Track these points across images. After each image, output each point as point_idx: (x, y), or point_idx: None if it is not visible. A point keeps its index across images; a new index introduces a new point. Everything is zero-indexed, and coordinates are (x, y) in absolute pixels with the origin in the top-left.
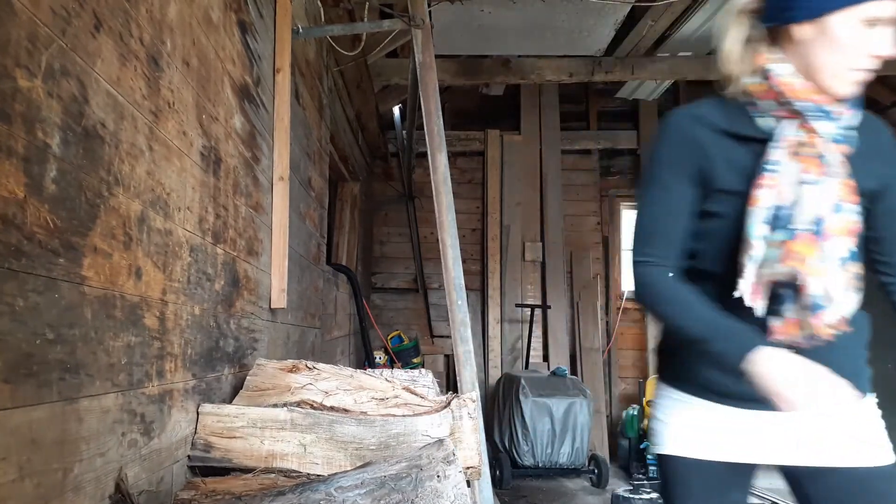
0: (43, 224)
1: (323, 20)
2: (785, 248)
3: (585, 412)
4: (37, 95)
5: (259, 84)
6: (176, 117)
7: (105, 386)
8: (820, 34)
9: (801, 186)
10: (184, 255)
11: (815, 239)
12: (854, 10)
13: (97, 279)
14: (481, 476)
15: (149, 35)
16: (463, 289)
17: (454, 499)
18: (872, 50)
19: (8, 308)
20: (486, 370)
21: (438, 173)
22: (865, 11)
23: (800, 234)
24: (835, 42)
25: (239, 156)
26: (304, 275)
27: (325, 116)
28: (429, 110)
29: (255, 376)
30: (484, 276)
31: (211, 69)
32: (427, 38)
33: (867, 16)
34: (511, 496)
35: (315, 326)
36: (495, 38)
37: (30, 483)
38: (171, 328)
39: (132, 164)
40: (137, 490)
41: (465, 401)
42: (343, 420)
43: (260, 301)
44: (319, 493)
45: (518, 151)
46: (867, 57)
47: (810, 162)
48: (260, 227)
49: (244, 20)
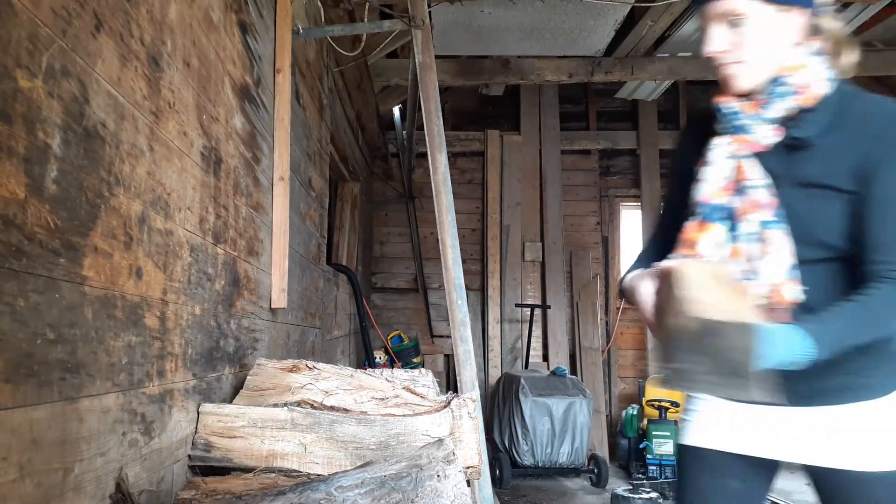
0: (44, 224)
1: (323, 20)
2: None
3: (585, 412)
4: (37, 96)
5: (259, 84)
6: (176, 118)
7: (105, 386)
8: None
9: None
10: (184, 256)
11: (703, 224)
12: (700, 9)
13: (98, 279)
14: (481, 475)
15: (149, 35)
16: (463, 289)
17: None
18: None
19: (9, 308)
20: (486, 370)
21: (438, 173)
22: (701, 13)
23: (689, 224)
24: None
25: (239, 156)
26: (305, 275)
27: (326, 117)
28: (429, 110)
29: (255, 376)
30: (484, 276)
31: (211, 69)
32: (427, 39)
33: (702, 17)
34: (511, 496)
35: (315, 326)
36: (495, 39)
37: (30, 483)
38: (172, 328)
39: (133, 164)
40: (138, 490)
41: (465, 400)
42: (343, 420)
43: (260, 301)
44: (320, 493)
45: (518, 151)
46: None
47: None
48: (260, 228)
49: (244, 21)
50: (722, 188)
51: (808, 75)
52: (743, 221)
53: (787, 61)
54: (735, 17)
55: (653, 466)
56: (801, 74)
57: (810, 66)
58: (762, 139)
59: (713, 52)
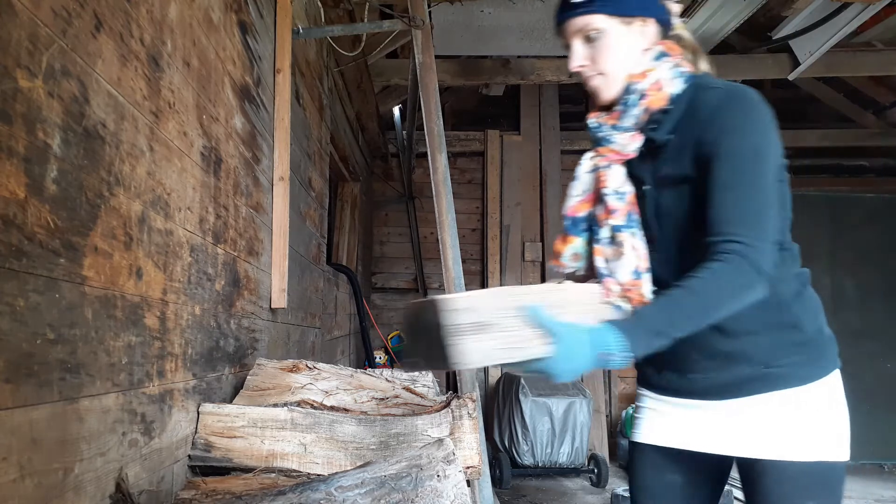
0: (44, 224)
1: (323, 21)
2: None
3: (585, 412)
4: (37, 96)
5: (259, 84)
6: (176, 118)
7: (106, 386)
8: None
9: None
10: (184, 256)
11: (565, 238)
12: (560, 28)
13: (98, 279)
14: (481, 475)
15: (149, 35)
16: (463, 289)
17: (454, 498)
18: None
19: (9, 308)
20: (485, 370)
21: (438, 173)
22: (561, 31)
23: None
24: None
25: (239, 156)
26: (305, 275)
27: (326, 117)
28: (429, 111)
29: (255, 376)
30: (484, 276)
31: (211, 70)
32: (427, 39)
33: (562, 35)
34: (511, 496)
35: (315, 326)
36: (495, 39)
37: (30, 483)
38: (172, 328)
39: (133, 164)
40: (138, 490)
41: (464, 400)
42: (343, 420)
43: (260, 301)
44: (320, 493)
45: (518, 151)
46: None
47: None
48: (260, 227)
49: (244, 21)
50: (583, 201)
51: (654, 78)
52: (602, 227)
53: (635, 69)
54: (589, 32)
55: None
56: (648, 79)
57: (657, 69)
58: (624, 148)
59: (576, 68)
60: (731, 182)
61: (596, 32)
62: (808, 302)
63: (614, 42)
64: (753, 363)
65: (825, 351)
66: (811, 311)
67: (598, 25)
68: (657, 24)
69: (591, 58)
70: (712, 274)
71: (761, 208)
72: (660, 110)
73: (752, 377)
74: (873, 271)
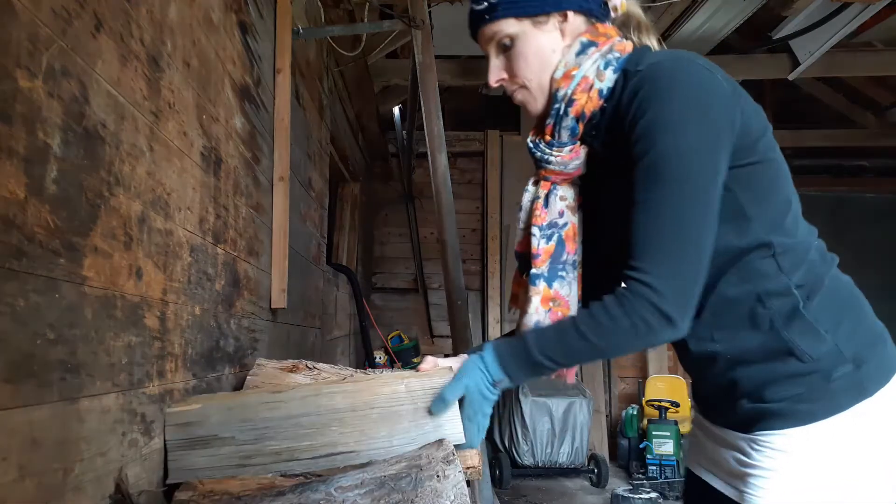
0: (44, 224)
1: (323, 21)
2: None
3: (585, 412)
4: (37, 96)
5: (259, 85)
6: (176, 118)
7: (106, 386)
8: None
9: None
10: (184, 256)
11: (521, 278)
12: (477, 41)
13: (98, 279)
14: (481, 476)
15: (149, 36)
16: (463, 289)
17: (454, 498)
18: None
19: (8, 308)
20: None
21: (438, 174)
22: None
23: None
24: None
25: (239, 156)
26: (305, 275)
27: (326, 117)
28: (429, 111)
29: (255, 376)
30: (484, 276)
31: (211, 70)
32: (427, 39)
33: (481, 47)
34: (511, 496)
35: (315, 326)
36: None
37: (30, 483)
38: (172, 328)
39: (133, 164)
40: (137, 490)
41: None
42: None
43: (260, 301)
44: (319, 493)
45: (518, 151)
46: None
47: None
48: (260, 228)
49: (244, 21)
50: (524, 236)
51: (579, 78)
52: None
53: (557, 72)
54: (502, 40)
55: (653, 466)
56: (574, 80)
57: (581, 66)
58: (565, 167)
59: (495, 83)
60: (645, 200)
61: (509, 40)
62: (820, 317)
63: (529, 47)
64: (752, 397)
65: (846, 380)
66: (816, 332)
67: (509, 31)
68: (579, 14)
69: (509, 68)
70: (607, 314)
71: (678, 235)
72: (596, 111)
73: (752, 413)
74: (873, 272)
